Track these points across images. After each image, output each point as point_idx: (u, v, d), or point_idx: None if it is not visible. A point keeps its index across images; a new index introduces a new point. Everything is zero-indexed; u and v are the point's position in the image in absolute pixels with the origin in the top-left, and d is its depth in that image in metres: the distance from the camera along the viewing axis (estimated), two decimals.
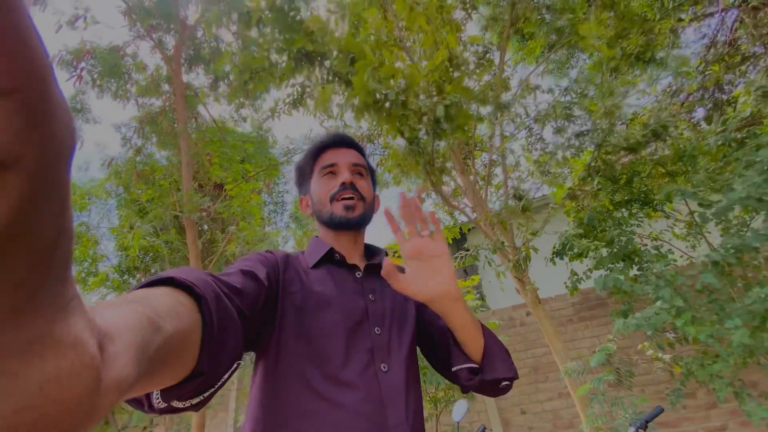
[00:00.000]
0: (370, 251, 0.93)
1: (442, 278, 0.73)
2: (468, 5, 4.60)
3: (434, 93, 2.46)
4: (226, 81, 6.37)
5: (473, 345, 0.78)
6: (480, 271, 8.39)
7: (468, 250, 5.10)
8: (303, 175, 0.94)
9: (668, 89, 5.15)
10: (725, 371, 2.84)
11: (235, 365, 0.52)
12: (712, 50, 4.59)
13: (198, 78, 7.30)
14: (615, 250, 3.59)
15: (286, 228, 7.95)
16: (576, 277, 3.95)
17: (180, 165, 5.56)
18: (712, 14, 4.86)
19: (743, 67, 4.49)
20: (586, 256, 3.87)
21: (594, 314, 4.86)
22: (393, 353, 0.76)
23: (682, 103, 5.28)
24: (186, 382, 0.43)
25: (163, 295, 0.41)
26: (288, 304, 0.73)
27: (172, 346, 0.36)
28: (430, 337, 0.87)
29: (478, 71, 4.94)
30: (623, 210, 3.81)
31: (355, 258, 0.88)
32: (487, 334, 0.81)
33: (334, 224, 0.85)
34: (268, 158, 7.19)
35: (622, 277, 3.58)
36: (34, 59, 0.15)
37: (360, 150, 0.95)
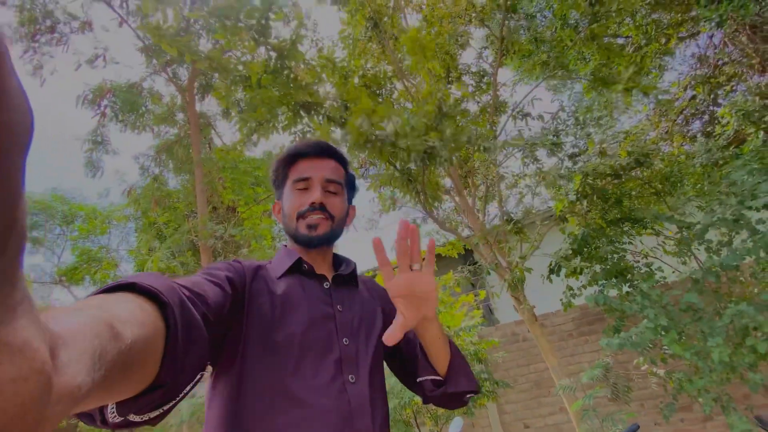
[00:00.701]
0: (339, 261, 0.92)
1: (426, 308, 0.73)
2: (462, 37, 4.87)
3: (422, 133, 2.70)
4: (236, 111, 6.74)
5: (440, 359, 0.81)
6: (487, 285, 8.53)
7: (476, 263, 5.27)
8: (277, 181, 0.92)
9: (658, 109, 5.30)
10: (710, 386, 2.96)
11: (198, 376, 0.51)
12: (698, 71, 4.75)
13: (211, 105, 7.73)
14: (607, 267, 3.74)
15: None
16: (571, 292, 4.10)
17: (194, 191, 5.90)
18: (697, 34, 5.03)
19: (728, 87, 4.63)
20: (580, 273, 4.02)
21: (593, 329, 4.98)
22: (361, 364, 0.76)
23: (675, 119, 5.43)
24: (145, 393, 0.42)
25: (124, 300, 0.40)
26: (254, 314, 0.72)
27: (132, 354, 0.35)
28: (398, 349, 0.88)
29: (476, 93, 5.19)
30: (615, 228, 3.96)
31: (324, 269, 0.87)
32: (454, 349, 0.84)
33: (298, 241, 0.86)
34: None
35: (614, 293, 3.73)
36: None
37: (339, 157, 0.92)
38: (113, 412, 0.42)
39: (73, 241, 6.67)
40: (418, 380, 0.84)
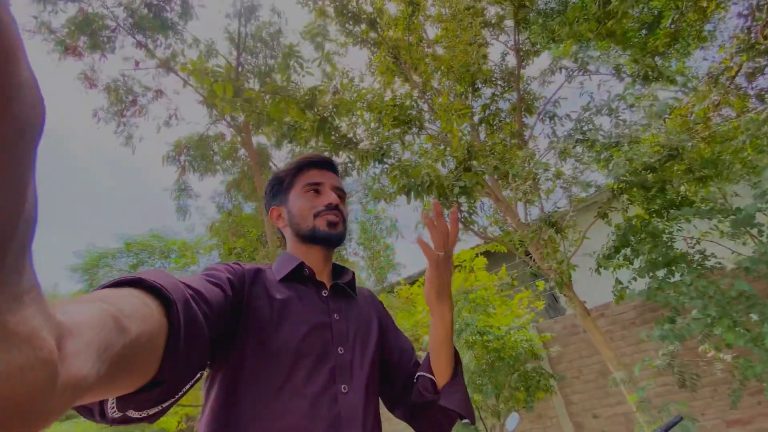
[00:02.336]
0: (338, 271, 0.93)
1: (443, 280, 0.82)
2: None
3: (456, 173, 3.03)
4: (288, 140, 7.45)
5: (441, 366, 0.82)
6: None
7: (528, 254, 5.40)
8: (281, 186, 0.93)
9: (708, 80, 5.04)
10: (766, 373, 2.92)
11: (198, 375, 0.51)
12: (742, 36, 4.47)
13: (275, 129, 8.56)
14: (656, 258, 3.73)
15: (353, 255, 8.84)
16: (621, 285, 4.12)
17: (263, 221, 6.68)
18: None
19: None
20: (629, 265, 4.02)
21: (657, 316, 4.86)
22: (355, 374, 0.76)
23: (731, 81, 5.07)
24: (145, 389, 0.42)
25: (130, 295, 0.40)
26: (251, 318, 0.72)
27: (135, 349, 0.35)
28: (386, 362, 0.89)
29: (504, 92, 5.30)
30: (659, 218, 3.91)
31: (324, 276, 0.88)
32: (460, 369, 0.85)
33: (315, 238, 0.85)
34: None
35: (666, 284, 3.70)
36: None
37: (338, 173, 0.97)
38: (113, 408, 0.43)
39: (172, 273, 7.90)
40: (417, 376, 0.85)
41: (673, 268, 3.68)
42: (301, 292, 0.81)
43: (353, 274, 0.93)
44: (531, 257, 4.27)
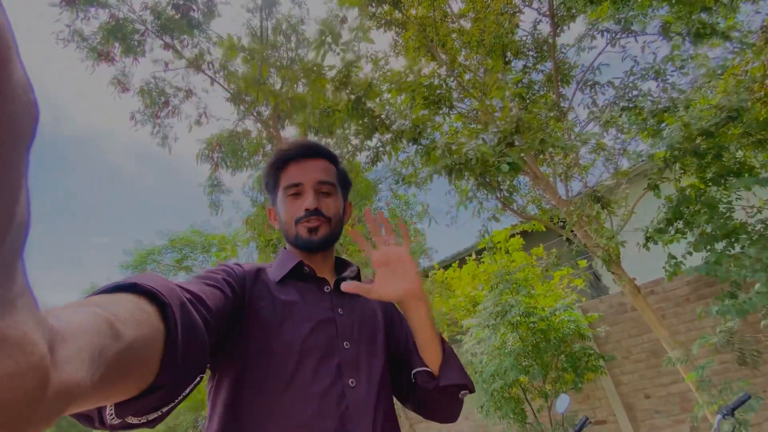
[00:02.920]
0: (341, 265, 0.93)
1: (408, 279, 0.78)
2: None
3: (500, 150, 2.91)
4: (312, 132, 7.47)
5: (429, 350, 0.80)
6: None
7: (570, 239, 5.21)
8: (268, 185, 0.91)
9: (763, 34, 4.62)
10: None
11: (197, 379, 0.51)
12: None
13: (292, 130, 8.62)
14: (711, 230, 3.49)
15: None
16: (674, 260, 3.89)
17: None
18: None
19: None
20: (683, 238, 3.79)
21: (713, 291, 4.58)
22: (362, 368, 0.76)
23: None
24: (144, 395, 0.42)
25: (125, 300, 0.40)
26: (254, 317, 0.72)
27: (132, 354, 0.35)
28: (396, 356, 0.88)
29: (536, 63, 5.05)
30: (717, 186, 3.65)
31: (325, 272, 0.87)
32: (446, 346, 0.84)
33: (299, 246, 0.85)
34: (361, 185, 8.14)
35: (725, 257, 3.46)
36: None
37: (328, 156, 0.91)
38: (111, 414, 0.42)
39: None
40: (413, 372, 0.82)
41: (733, 240, 3.43)
42: (303, 289, 0.81)
43: (358, 268, 0.92)
44: (574, 235, 4.10)
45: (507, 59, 5.00)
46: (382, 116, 3.39)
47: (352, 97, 3.28)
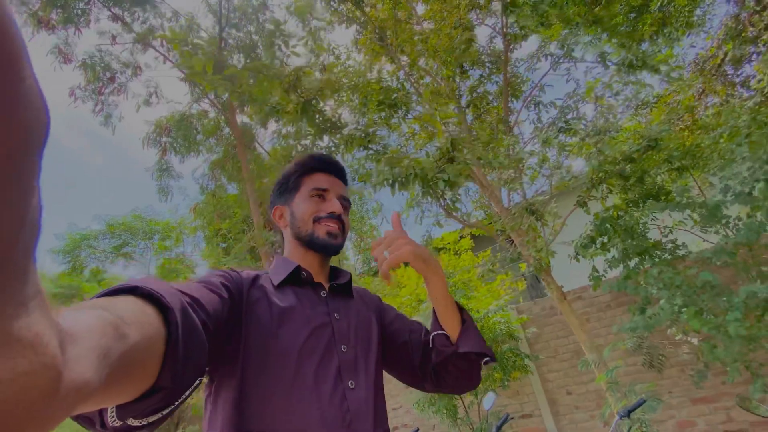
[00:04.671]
0: (335, 273, 0.95)
1: (410, 243, 0.82)
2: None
3: (440, 165, 3.02)
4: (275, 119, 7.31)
5: (450, 319, 0.85)
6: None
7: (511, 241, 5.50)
8: (287, 186, 0.93)
9: (695, 66, 5.04)
10: (725, 357, 3.10)
11: (197, 381, 0.52)
12: (730, 23, 4.47)
13: (257, 110, 8.38)
14: (627, 249, 3.84)
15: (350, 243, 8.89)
16: (596, 273, 4.25)
17: (249, 203, 6.63)
18: None
19: (765, 37, 4.33)
20: (606, 253, 4.14)
21: (631, 299, 5.05)
22: (360, 370, 0.78)
23: (717, 69, 5.11)
24: (145, 397, 0.42)
25: (128, 303, 0.41)
26: (253, 323, 0.73)
27: (135, 355, 0.35)
28: (403, 345, 0.91)
29: (491, 74, 5.25)
30: (636, 208, 4.01)
31: (321, 278, 0.89)
32: (467, 315, 0.87)
33: (313, 245, 0.86)
34: None
35: (636, 273, 3.83)
36: None
37: (346, 181, 0.97)
38: (113, 416, 0.43)
39: (157, 255, 7.85)
40: (432, 335, 0.87)
41: (644, 258, 3.80)
42: (300, 294, 0.82)
43: (350, 275, 0.94)
44: (511, 242, 4.36)
45: (464, 68, 5.16)
46: (333, 119, 3.42)
47: (303, 99, 3.29)
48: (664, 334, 4.78)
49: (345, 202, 0.92)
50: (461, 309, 0.88)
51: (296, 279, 0.84)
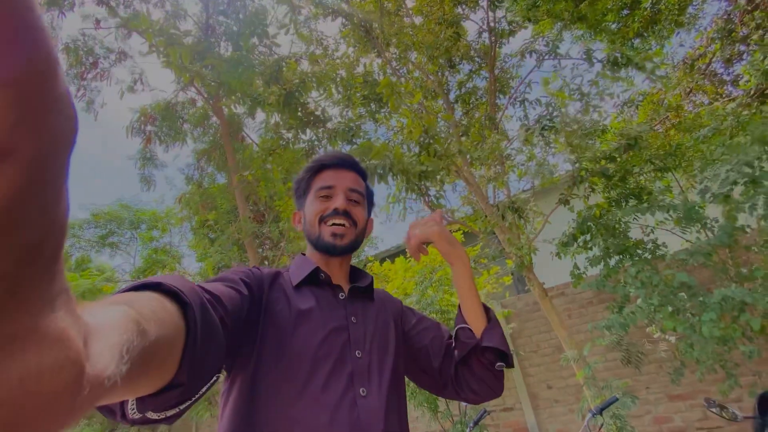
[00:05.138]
0: (356, 274, 0.94)
1: (437, 224, 0.92)
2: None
3: (415, 157, 3.00)
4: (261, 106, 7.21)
5: (475, 314, 0.86)
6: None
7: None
8: (299, 191, 0.94)
9: (683, 65, 5.03)
10: (702, 356, 3.14)
11: (214, 378, 0.52)
12: (720, 24, 4.46)
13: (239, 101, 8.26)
14: (608, 247, 3.87)
15: None
16: (577, 271, 4.28)
17: (235, 194, 6.56)
18: None
19: (755, 38, 4.32)
20: (588, 251, 4.17)
21: (611, 296, 5.11)
22: (373, 377, 0.76)
23: (700, 75, 5.11)
24: (163, 391, 0.43)
25: (149, 299, 0.41)
26: (270, 322, 0.73)
27: (155, 351, 0.36)
28: (423, 349, 0.90)
29: (480, 69, 5.21)
30: (619, 207, 4.02)
31: (340, 279, 0.88)
32: (492, 314, 0.89)
33: (319, 248, 0.86)
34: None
35: (615, 272, 3.86)
36: (33, 52, 0.15)
37: (360, 171, 0.95)
38: (133, 408, 0.44)
39: (143, 245, 7.78)
40: (456, 328, 0.88)
41: (624, 257, 3.83)
42: (318, 295, 0.81)
43: (372, 278, 0.93)
44: (495, 238, 4.37)
45: (453, 62, 5.11)
46: (317, 112, 3.38)
47: (285, 91, 3.23)
48: (643, 332, 4.85)
49: (355, 195, 0.91)
50: (487, 309, 0.89)
51: (315, 279, 0.84)
